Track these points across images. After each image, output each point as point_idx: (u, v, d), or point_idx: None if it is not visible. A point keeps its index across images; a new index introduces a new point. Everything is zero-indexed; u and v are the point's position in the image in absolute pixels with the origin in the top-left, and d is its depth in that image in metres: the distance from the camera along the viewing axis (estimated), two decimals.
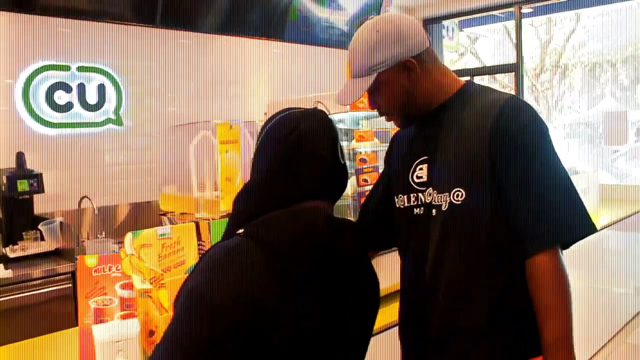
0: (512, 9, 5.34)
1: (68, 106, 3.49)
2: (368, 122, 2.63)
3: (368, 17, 1.38)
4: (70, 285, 2.87)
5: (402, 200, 1.36)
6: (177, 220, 2.15)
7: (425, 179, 1.31)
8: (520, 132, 1.21)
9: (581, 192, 1.23)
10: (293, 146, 1.04)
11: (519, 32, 5.33)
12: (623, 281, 4.08)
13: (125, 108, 3.75)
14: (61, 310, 2.83)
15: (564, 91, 13.65)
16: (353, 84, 1.32)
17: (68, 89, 3.49)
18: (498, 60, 12.92)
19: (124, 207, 3.74)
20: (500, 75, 10.44)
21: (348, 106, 2.00)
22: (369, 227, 1.49)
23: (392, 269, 1.55)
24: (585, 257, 3.24)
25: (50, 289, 2.85)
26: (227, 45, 4.31)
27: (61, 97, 3.47)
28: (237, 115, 4.31)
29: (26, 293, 2.77)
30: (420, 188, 1.32)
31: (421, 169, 1.32)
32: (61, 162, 3.46)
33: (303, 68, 4.70)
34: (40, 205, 3.28)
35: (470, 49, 12.78)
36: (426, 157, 1.32)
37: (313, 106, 1.42)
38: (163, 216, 2.24)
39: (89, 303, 1.53)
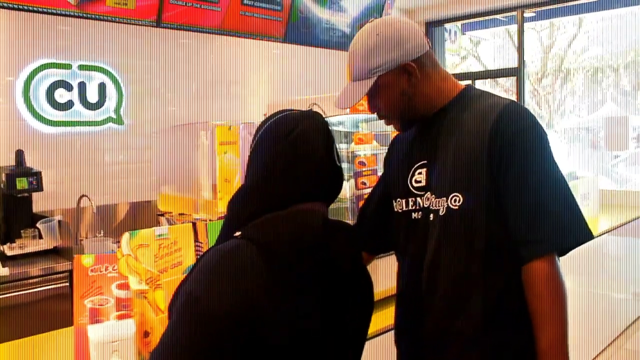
0: (515, 13, 5.34)
1: (68, 104, 3.49)
2: (368, 125, 2.63)
3: (370, 19, 1.38)
4: (67, 284, 2.86)
5: (401, 204, 1.35)
6: (176, 220, 2.15)
7: (423, 183, 1.31)
8: (518, 138, 1.21)
9: (581, 197, 1.23)
10: (290, 147, 1.04)
11: (521, 36, 5.34)
12: (622, 287, 4.08)
13: (125, 107, 3.75)
14: (58, 308, 2.82)
15: (566, 96, 13.64)
16: (353, 87, 1.32)
17: (69, 87, 3.49)
18: (500, 63, 12.92)
19: (123, 206, 3.74)
20: (502, 79, 10.43)
21: (347, 109, 2.00)
22: (367, 230, 1.49)
23: (389, 273, 1.54)
24: (584, 263, 3.24)
25: (47, 288, 2.84)
26: (227, 45, 4.30)
27: (62, 96, 3.46)
28: (237, 115, 4.31)
29: (23, 291, 2.76)
30: (418, 192, 1.32)
31: (420, 173, 1.32)
32: (61, 161, 3.46)
33: (303, 69, 4.70)
34: (39, 203, 3.27)
35: (472, 52, 12.78)
36: (425, 162, 1.32)
37: (309, 108, 1.42)
38: (161, 216, 2.24)
39: (85, 303, 1.52)
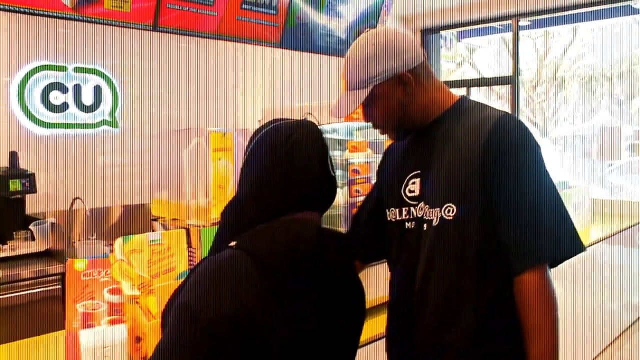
0: (510, 22, 5.38)
1: (64, 107, 3.48)
2: (362, 133, 2.63)
3: (367, 25, 1.39)
4: (59, 286, 2.84)
5: (394, 213, 1.36)
6: (170, 226, 2.15)
7: (417, 194, 1.31)
8: (512, 150, 1.22)
9: (573, 207, 1.24)
10: (285, 157, 1.04)
11: (516, 45, 5.37)
12: (614, 296, 4.09)
13: (121, 110, 3.74)
14: (50, 311, 2.80)
15: (560, 104, 13.72)
16: (348, 97, 1.32)
17: (64, 90, 3.48)
18: (496, 71, 12.99)
19: (117, 210, 3.72)
20: (497, 86, 10.48)
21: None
22: (360, 239, 1.49)
23: (381, 281, 1.55)
24: (576, 272, 3.25)
25: (39, 290, 2.82)
26: (225, 50, 4.31)
27: (57, 98, 3.45)
28: (234, 120, 4.30)
29: (15, 294, 2.75)
30: (412, 202, 1.32)
31: (414, 183, 1.33)
32: (55, 163, 3.44)
33: (301, 74, 4.70)
34: (32, 205, 3.25)
35: (468, 60, 12.84)
36: (419, 172, 1.32)
37: (303, 117, 1.43)
38: (155, 221, 2.24)
39: (77, 307, 1.52)
